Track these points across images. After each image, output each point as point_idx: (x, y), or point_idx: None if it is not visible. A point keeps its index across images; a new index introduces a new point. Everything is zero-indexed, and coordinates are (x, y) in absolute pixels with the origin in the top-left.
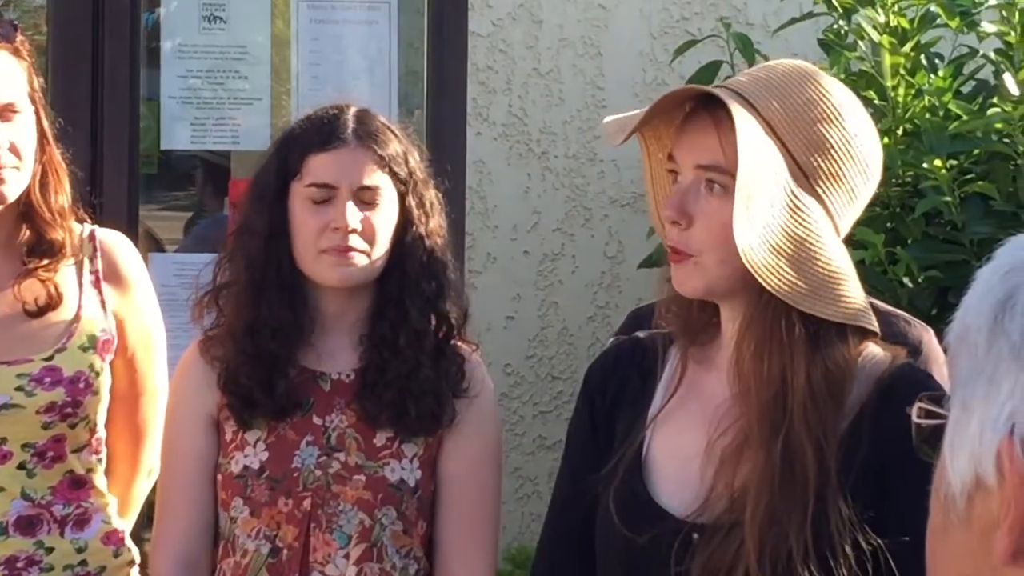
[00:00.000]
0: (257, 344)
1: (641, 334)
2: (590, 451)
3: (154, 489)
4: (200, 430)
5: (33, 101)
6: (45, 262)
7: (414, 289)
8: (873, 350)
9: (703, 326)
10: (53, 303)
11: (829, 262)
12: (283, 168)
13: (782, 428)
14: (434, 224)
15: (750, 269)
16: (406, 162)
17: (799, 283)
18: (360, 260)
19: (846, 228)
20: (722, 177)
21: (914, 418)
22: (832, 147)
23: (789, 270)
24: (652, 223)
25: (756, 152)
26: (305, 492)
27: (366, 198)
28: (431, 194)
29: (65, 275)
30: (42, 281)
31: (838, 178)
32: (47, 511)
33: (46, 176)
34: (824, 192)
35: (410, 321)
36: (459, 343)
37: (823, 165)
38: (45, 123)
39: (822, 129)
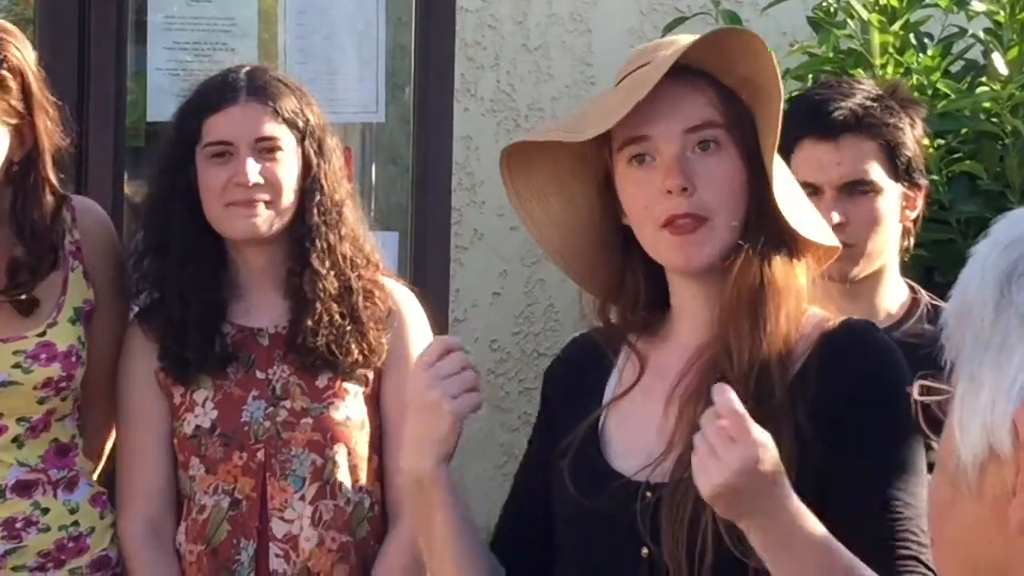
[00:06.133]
0: (180, 308)
1: (595, 328)
2: (546, 446)
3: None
4: (150, 398)
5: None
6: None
7: (315, 233)
8: (814, 309)
9: (644, 318)
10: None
11: (795, 184)
12: (183, 137)
13: (757, 363)
14: (332, 169)
15: (784, 214)
16: (301, 111)
17: (803, 216)
18: (265, 211)
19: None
20: (715, 132)
21: (915, 395)
22: (765, 83)
23: (798, 212)
24: (551, 258)
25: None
26: (257, 444)
27: (265, 148)
28: (330, 142)
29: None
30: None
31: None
32: (44, 474)
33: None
34: (761, 112)
35: (311, 266)
36: (376, 277)
37: (773, 103)
38: (43, 136)
39: (758, 65)
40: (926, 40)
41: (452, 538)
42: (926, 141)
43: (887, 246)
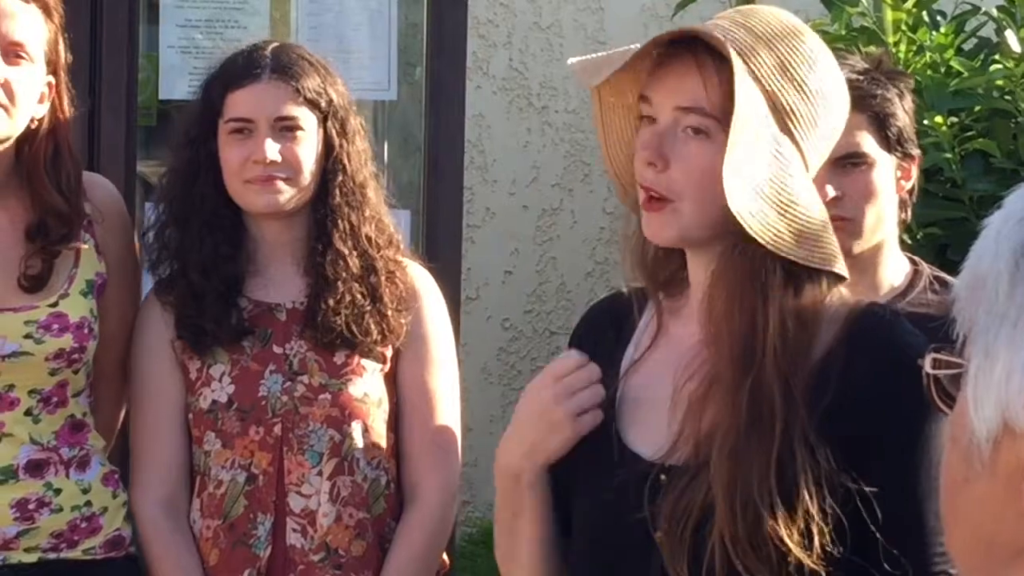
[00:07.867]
0: (200, 278)
1: (623, 289)
2: None
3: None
4: (165, 372)
5: (51, 64)
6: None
7: (337, 213)
8: (836, 292)
9: (671, 276)
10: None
11: (809, 207)
12: (207, 109)
13: (752, 371)
14: (356, 149)
15: (736, 215)
16: (324, 91)
17: (781, 228)
18: (285, 188)
19: (813, 171)
20: (703, 120)
21: (927, 368)
22: (810, 92)
23: (771, 214)
24: (608, 177)
25: (750, 96)
26: (275, 419)
27: (285, 128)
28: (354, 122)
29: None
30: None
31: (813, 123)
32: (56, 453)
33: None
34: (800, 136)
35: (334, 246)
36: (398, 258)
37: (801, 108)
38: (64, 100)
39: (802, 73)
40: (939, 18)
41: (538, 558)
42: (939, 119)
43: (884, 219)
